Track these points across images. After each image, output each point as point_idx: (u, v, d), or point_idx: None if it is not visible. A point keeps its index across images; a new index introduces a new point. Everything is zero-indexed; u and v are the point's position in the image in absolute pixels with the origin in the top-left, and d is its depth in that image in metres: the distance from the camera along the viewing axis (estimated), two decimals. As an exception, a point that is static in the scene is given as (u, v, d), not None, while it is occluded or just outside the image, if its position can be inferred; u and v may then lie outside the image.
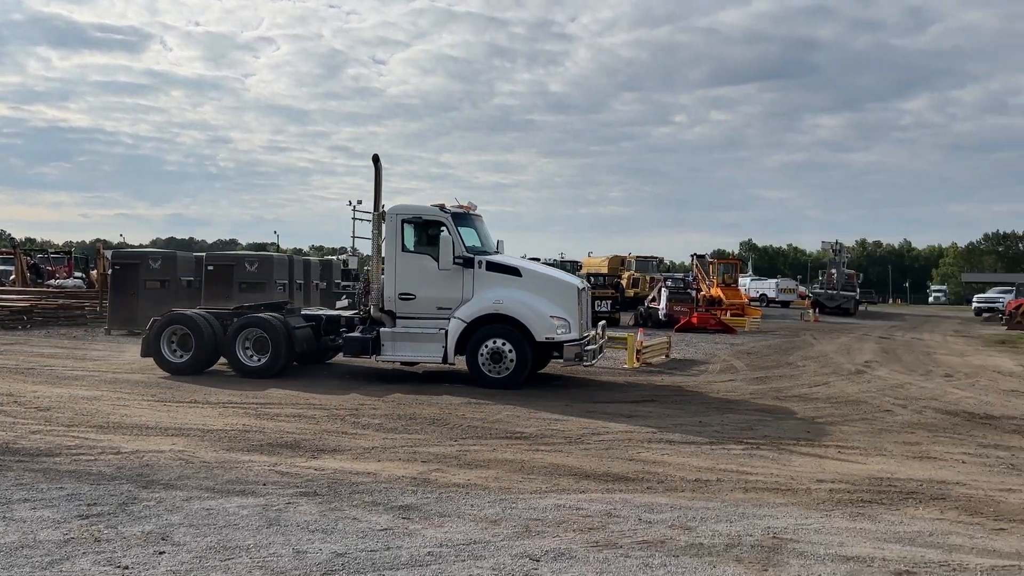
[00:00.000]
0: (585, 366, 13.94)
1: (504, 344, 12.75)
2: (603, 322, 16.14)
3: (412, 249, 13.37)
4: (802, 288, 60.22)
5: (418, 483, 6.88)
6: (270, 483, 6.78)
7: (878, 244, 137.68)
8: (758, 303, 48.98)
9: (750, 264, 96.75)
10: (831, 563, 5.08)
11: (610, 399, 12.13)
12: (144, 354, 13.74)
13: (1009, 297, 45.68)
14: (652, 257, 48.34)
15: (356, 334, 13.42)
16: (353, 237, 14.61)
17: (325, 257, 36.02)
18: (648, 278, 41.38)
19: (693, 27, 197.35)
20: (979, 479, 7.64)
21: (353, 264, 36.75)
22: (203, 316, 13.79)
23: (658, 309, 30.38)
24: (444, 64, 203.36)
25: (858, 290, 52.31)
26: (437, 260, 12.92)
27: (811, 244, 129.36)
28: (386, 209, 13.50)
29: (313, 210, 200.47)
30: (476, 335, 12.83)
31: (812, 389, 14.01)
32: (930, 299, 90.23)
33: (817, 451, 8.77)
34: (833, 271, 48.60)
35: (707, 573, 4.85)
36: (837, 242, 49.87)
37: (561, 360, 13.10)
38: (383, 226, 13.51)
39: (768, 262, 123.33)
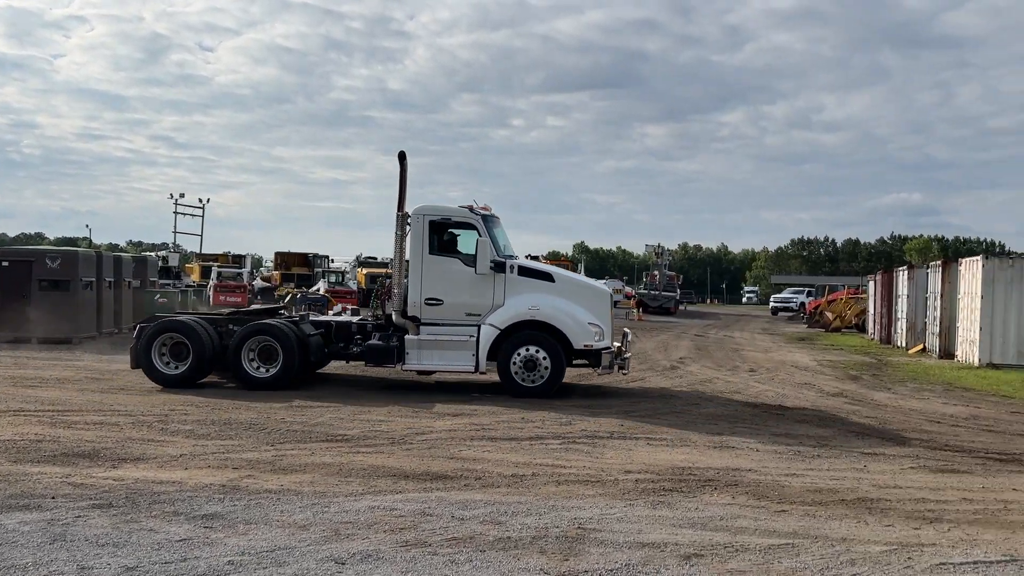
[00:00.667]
0: (624, 374, 14.04)
1: (538, 352, 12.41)
2: (628, 330, 15.45)
3: (439, 252, 12.86)
4: (628, 288, 63.04)
5: (227, 490, 6.61)
6: (60, 496, 6.29)
7: (699, 247, 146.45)
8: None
9: (582, 265, 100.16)
10: (628, 550, 5.35)
11: (439, 399, 12.18)
12: (135, 365, 12.58)
13: (800, 298, 50.08)
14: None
15: (378, 342, 12.73)
16: (175, 232, 13.97)
17: (142, 253, 33.87)
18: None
19: (530, 33, 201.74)
20: (769, 466, 8.28)
21: (174, 261, 34.77)
22: (199, 322, 12.82)
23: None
24: (277, 55, 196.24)
25: (679, 291, 55.54)
26: (472, 264, 12.44)
27: (639, 247, 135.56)
28: (411, 210, 12.98)
29: (131, 203, 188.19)
30: (508, 342, 12.46)
31: (629, 385, 14.69)
32: (743, 299, 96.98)
33: (628, 444, 9.21)
34: (656, 273, 51.35)
35: (511, 566, 4.98)
36: (660, 245, 52.72)
37: (593, 368, 13.01)
38: (407, 227, 12.89)
39: (599, 263, 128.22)
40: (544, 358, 12.36)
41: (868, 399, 14.03)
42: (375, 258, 51.44)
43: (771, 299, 57.85)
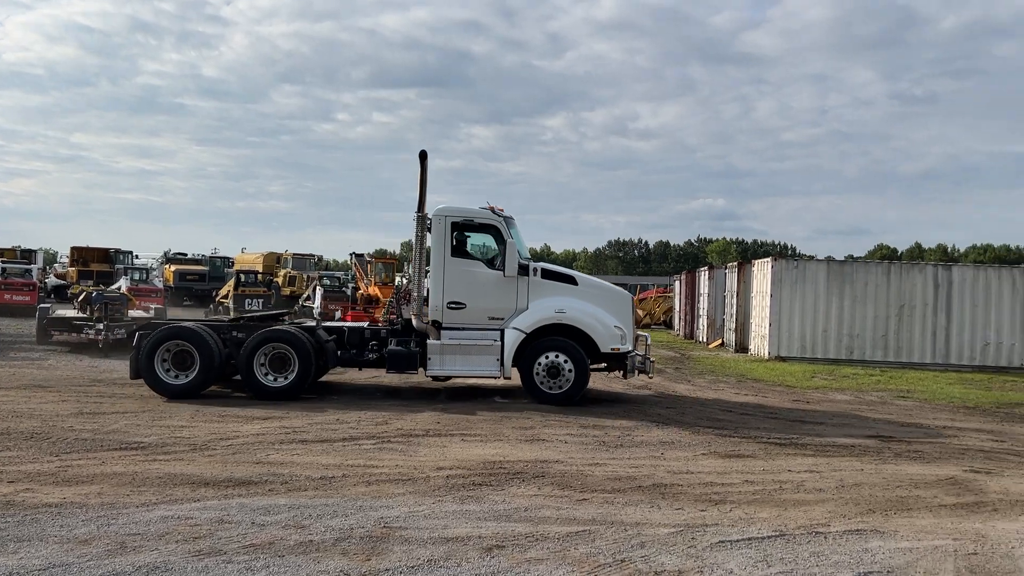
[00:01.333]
0: (649, 378, 13.87)
1: (559, 356, 12.12)
2: (646, 333, 14.95)
3: (462, 254, 12.54)
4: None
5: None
6: None
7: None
8: (413, 302, 50.52)
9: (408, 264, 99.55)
10: (432, 545, 5.39)
11: (248, 402, 11.70)
12: (135, 375, 11.80)
13: None
14: (310, 255, 47.67)
15: (399, 347, 12.33)
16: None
17: None
18: (305, 276, 40.71)
19: (355, 27, 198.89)
20: (575, 457, 8.62)
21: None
22: (205, 329, 12.10)
23: (313, 307, 30.01)
24: (76, 34, 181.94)
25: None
26: (496, 266, 12.27)
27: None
28: (431, 211, 12.52)
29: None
30: (530, 348, 12.14)
31: (451, 382, 14.78)
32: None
33: (443, 441, 9.27)
34: (481, 271, 51.93)
35: (311, 569, 4.87)
36: (484, 245, 53.40)
37: (618, 373, 12.90)
38: (427, 229, 12.43)
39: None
40: (567, 364, 12.14)
41: (670, 391, 14.94)
42: (185, 254, 48.77)
43: None
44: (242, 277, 31.63)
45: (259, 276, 35.53)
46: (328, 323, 13.51)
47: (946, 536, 6.02)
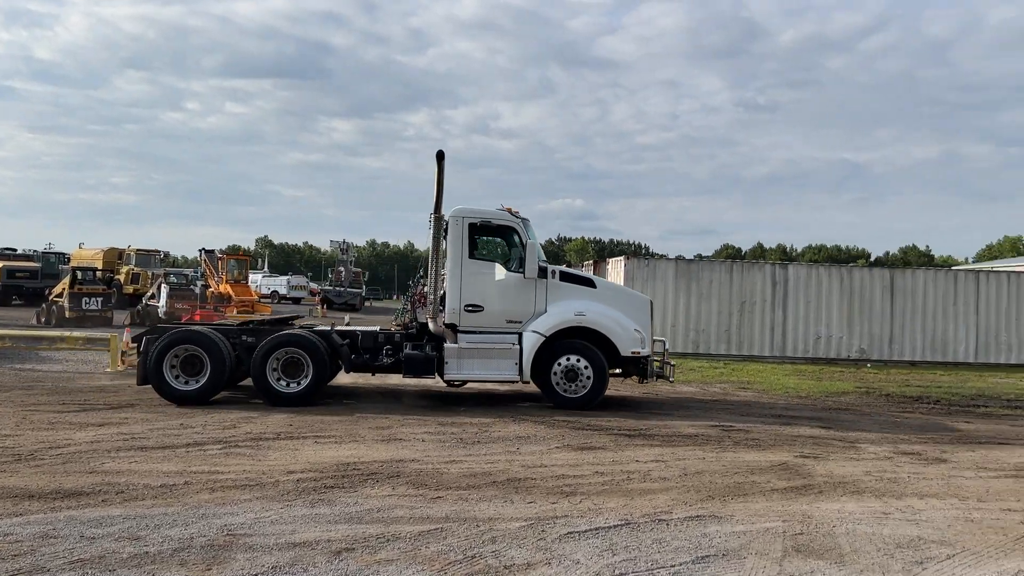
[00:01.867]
0: (671, 383, 13.69)
1: (579, 361, 11.98)
2: (664, 338, 14.84)
3: (479, 256, 12.37)
4: (313, 285, 62.09)
5: None
6: None
7: (386, 245, 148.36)
8: (270, 300, 49.08)
9: (266, 260, 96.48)
10: (278, 552, 5.23)
11: (85, 406, 10.95)
12: (143, 381, 11.51)
13: None
14: (155, 251, 45.12)
15: (415, 352, 12.00)
16: None
17: None
18: (150, 274, 38.52)
19: (207, 13, 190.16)
20: (432, 455, 8.60)
21: None
22: (215, 333, 11.70)
23: (158, 307, 28.45)
24: None
25: (364, 287, 55.75)
26: (515, 268, 12.15)
27: (327, 242, 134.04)
28: (448, 212, 12.16)
29: None
30: (548, 351, 11.97)
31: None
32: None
33: (295, 444, 9.01)
34: (341, 269, 51.05)
35: (145, 583, 4.62)
36: (344, 241, 52.52)
37: (636, 378, 12.69)
38: (444, 231, 12.04)
39: (285, 259, 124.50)
40: (586, 367, 12.01)
41: (530, 386, 15.16)
42: (15, 249, 45.02)
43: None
44: (79, 274, 29.49)
45: (98, 273, 33.23)
46: (341, 327, 13.09)
47: (777, 518, 6.43)
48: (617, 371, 12.74)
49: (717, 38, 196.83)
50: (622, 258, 23.34)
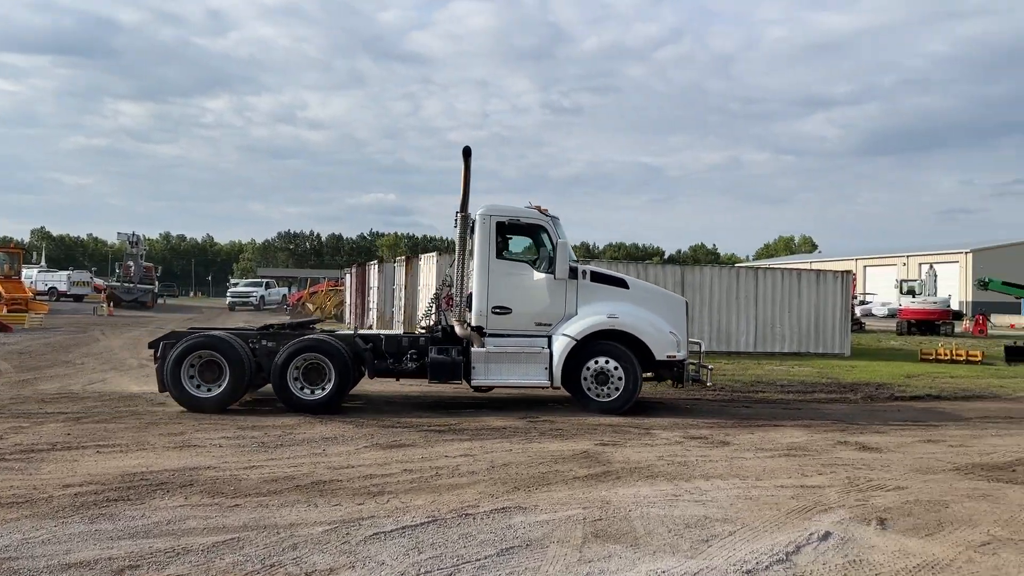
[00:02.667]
0: (709, 387, 13.10)
1: (609, 363, 11.58)
2: (700, 340, 14.28)
3: (508, 256, 11.92)
4: (98, 281, 57.20)
5: None
6: None
7: (182, 238, 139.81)
8: (47, 297, 44.78)
9: (43, 254, 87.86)
10: (49, 574, 4.73)
11: None
12: (163, 388, 11.18)
13: (260, 291, 51.37)
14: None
15: (441, 356, 11.51)
16: None
17: None
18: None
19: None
20: (229, 460, 8.14)
21: None
22: (234, 338, 11.36)
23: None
24: None
25: (156, 283, 52.22)
26: (546, 268, 11.72)
27: (113, 235, 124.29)
28: (477, 211, 11.81)
29: None
30: (578, 354, 11.53)
31: (87, 387, 13.24)
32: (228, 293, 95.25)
33: (74, 455, 8.22)
34: (130, 264, 47.53)
35: None
36: (134, 234, 48.77)
37: (670, 382, 12.24)
38: (470, 230, 11.68)
39: (66, 252, 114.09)
40: (617, 370, 11.60)
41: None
42: None
43: (228, 292, 56.61)
44: None
45: None
46: (364, 331, 12.63)
47: (578, 506, 6.65)
48: (650, 375, 12.40)
49: (525, 40, 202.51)
50: (434, 254, 23.36)
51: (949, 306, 39.16)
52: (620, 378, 11.62)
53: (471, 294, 11.83)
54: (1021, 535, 6.09)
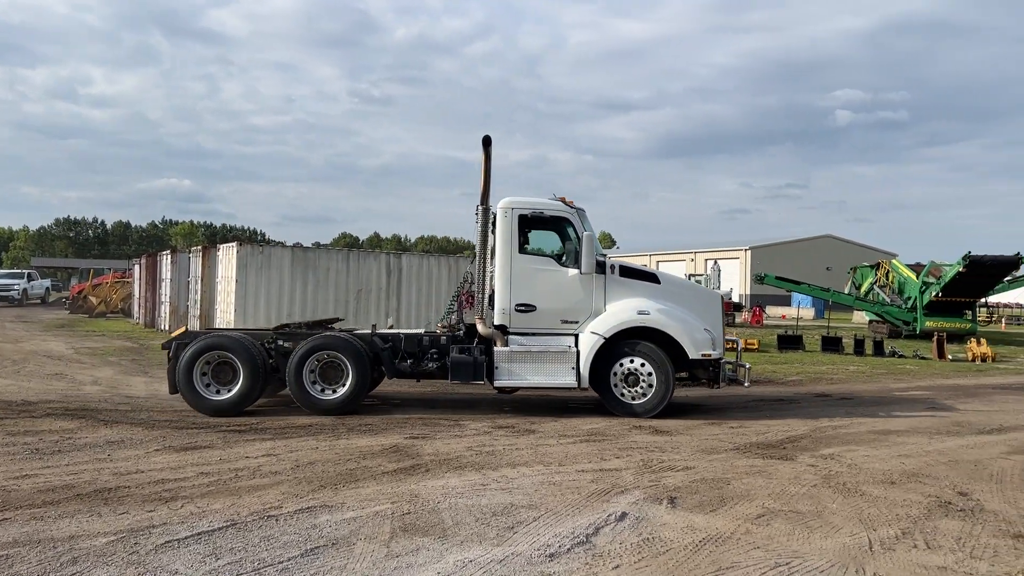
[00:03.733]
0: (747, 387, 12.22)
1: (642, 364, 11.05)
2: (737, 338, 13.58)
3: (531, 251, 11.38)
4: None
5: None
6: None
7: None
8: None
9: None
10: None
11: None
12: (174, 389, 10.80)
13: (21, 283, 46.84)
14: None
15: (463, 356, 11.09)
16: None
17: None
18: None
19: None
20: (-3, 470, 7.34)
21: None
22: (248, 338, 10.99)
23: None
24: None
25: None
26: (571, 263, 11.24)
27: None
28: (498, 204, 11.40)
29: None
30: (607, 354, 11.02)
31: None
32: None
33: None
34: None
35: None
36: None
37: (705, 382, 11.62)
38: (491, 224, 11.34)
39: None
40: (648, 372, 11.04)
41: (124, 385, 13.76)
42: None
43: None
44: None
45: None
46: (382, 331, 11.96)
47: (387, 501, 6.59)
48: (683, 375, 11.93)
49: (332, 25, 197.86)
50: (234, 244, 22.23)
51: (731, 299, 42.67)
52: (651, 379, 11.09)
53: (493, 291, 11.46)
54: (790, 506, 6.74)
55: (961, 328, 28.93)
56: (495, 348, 11.15)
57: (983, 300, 33.20)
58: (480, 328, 11.37)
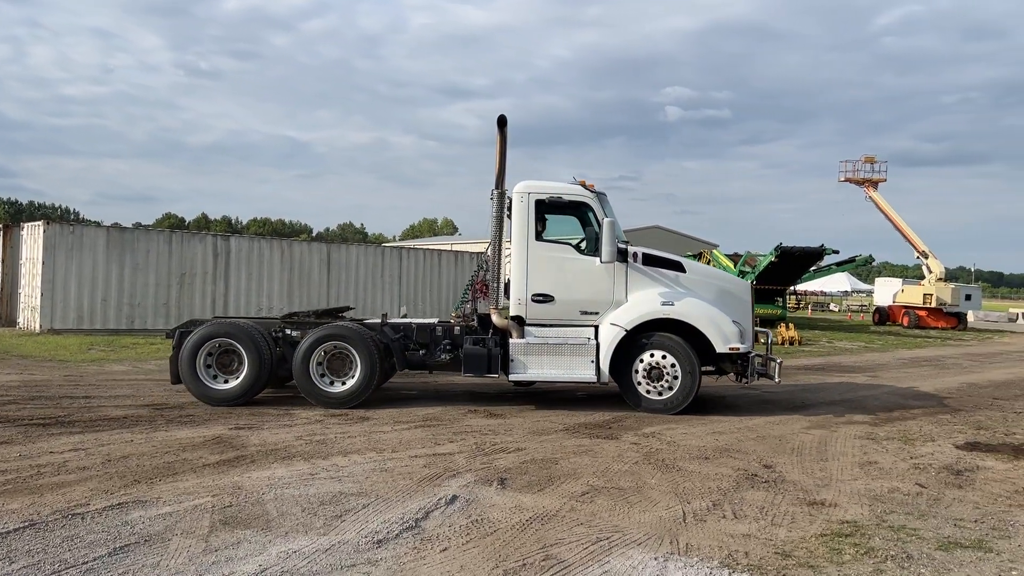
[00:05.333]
0: (777, 383, 11.29)
1: (664, 357, 10.49)
2: (768, 330, 12.86)
3: (549, 238, 10.79)
4: None
5: None
6: None
7: None
8: None
9: None
10: None
11: None
12: (176, 379, 10.54)
13: None
14: None
15: (476, 347, 10.60)
16: None
17: None
18: None
19: None
20: None
21: None
22: (254, 326, 10.67)
23: None
24: None
25: None
26: (591, 251, 10.69)
27: None
28: (513, 188, 10.82)
29: None
30: (628, 346, 10.44)
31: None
32: None
33: None
34: None
35: None
36: None
37: (734, 377, 11.22)
38: (507, 209, 10.77)
39: None
40: (672, 366, 10.53)
41: None
42: None
43: None
44: None
45: None
46: (393, 320, 11.56)
47: (207, 494, 6.29)
48: (711, 369, 11.30)
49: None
50: (41, 223, 20.42)
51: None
52: (676, 373, 10.57)
53: (508, 280, 10.92)
54: (613, 483, 7.04)
55: (772, 314, 31.31)
56: (511, 340, 10.73)
57: (792, 288, 36.00)
58: (495, 319, 10.99)
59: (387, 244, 43.26)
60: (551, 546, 5.32)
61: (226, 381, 10.56)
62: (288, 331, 10.92)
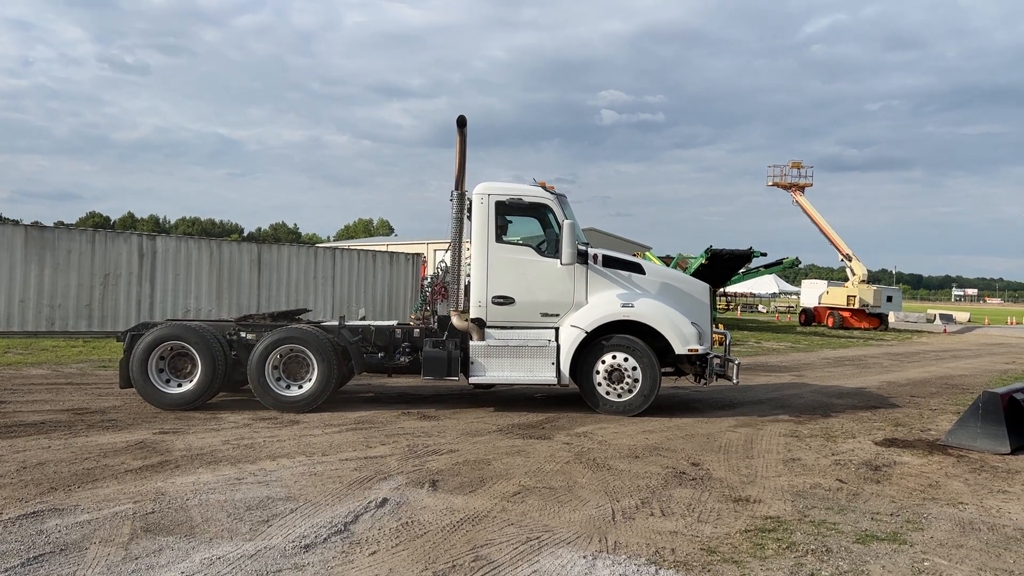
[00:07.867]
0: (736, 384, 11.20)
1: (626, 360, 10.52)
2: (726, 331, 12.61)
3: (508, 240, 10.73)
4: None
5: None
6: None
7: None
8: None
9: None
10: None
11: None
12: (126, 383, 10.25)
13: None
14: None
15: (436, 350, 10.56)
16: None
17: None
18: None
19: None
20: None
21: None
22: (208, 329, 10.44)
23: None
24: None
25: None
26: (551, 253, 10.68)
27: None
28: (474, 190, 10.80)
29: None
30: (589, 348, 10.51)
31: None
32: None
33: None
34: None
35: None
36: None
37: (692, 378, 11.21)
38: (467, 210, 10.79)
39: None
40: (633, 367, 10.57)
41: None
42: None
43: None
44: None
45: None
46: (351, 322, 11.30)
47: (128, 500, 6.10)
48: (669, 370, 11.41)
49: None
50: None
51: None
52: (636, 376, 10.59)
53: (468, 282, 10.84)
54: (544, 483, 7.08)
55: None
56: (471, 342, 10.67)
57: (722, 289, 36.77)
58: (455, 321, 10.90)
59: (321, 244, 42.67)
60: (481, 547, 5.33)
61: (179, 385, 10.35)
62: (243, 334, 10.73)
